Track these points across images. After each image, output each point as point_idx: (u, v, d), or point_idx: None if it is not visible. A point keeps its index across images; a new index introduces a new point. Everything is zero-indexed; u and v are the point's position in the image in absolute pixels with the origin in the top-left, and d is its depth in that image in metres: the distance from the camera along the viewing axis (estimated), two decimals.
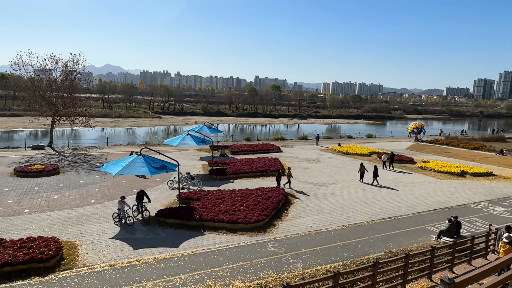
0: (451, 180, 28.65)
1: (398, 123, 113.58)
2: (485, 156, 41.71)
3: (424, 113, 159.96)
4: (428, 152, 43.40)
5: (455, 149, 46.74)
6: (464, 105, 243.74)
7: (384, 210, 20.38)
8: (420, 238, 16.37)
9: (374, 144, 48.41)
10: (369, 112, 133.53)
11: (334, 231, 16.87)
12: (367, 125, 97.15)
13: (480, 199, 23.35)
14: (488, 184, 27.70)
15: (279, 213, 19.04)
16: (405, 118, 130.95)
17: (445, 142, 52.47)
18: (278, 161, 32.31)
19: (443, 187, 26.11)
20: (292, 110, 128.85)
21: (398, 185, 26.22)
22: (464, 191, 25.14)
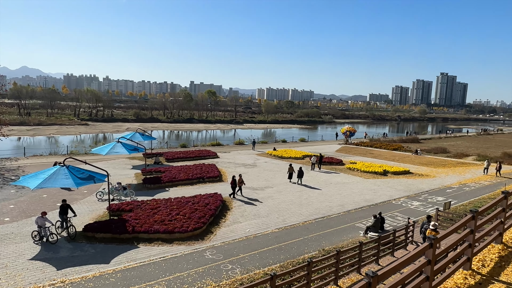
0: (376, 179, 31.12)
1: (328, 127, 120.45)
2: (403, 156, 46.12)
3: (351, 118, 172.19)
4: (355, 154, 46.66)
5: (378, 151, 50.94)
6: (385, 110, 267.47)
7: (317, 210, 21.37)
8: (350, 235, 17.47)
9: (307, 148, 50.65)
10: (302, 117, 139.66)
11: (271, 234, 17.22)
12: (300, 130, 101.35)
13: (400, 195, 25.70)
14: (406, 181, 30.64)
15: (217, 220, 18.90)
16: (335, 123, 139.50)
17: (369, 144, 56.89)
18: (215, 167, 32.13)
19: (368, 186, 28.23)
20: (228, 115, 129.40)
21: (329, 186, 27.73)
22: (387, 189, 27.46)
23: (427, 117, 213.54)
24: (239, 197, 23.39)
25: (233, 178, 23.69)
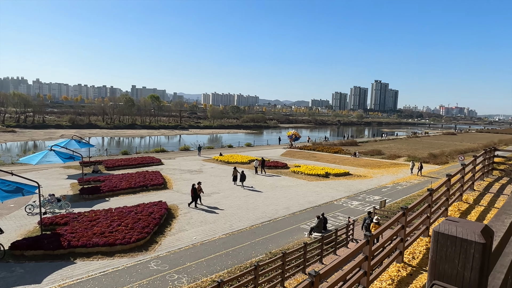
0: (318, 181, 32.43)
1: (274, 132, 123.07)
2: (343, 158, 48.66)
3: (295, 122, 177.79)
4: (299, 157, 48.21)
5: (320, 154, 53.19)
6: (326, 115, 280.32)
7: (264, 214, 21.67)
8: (296, 236, 17.96)
9: (253, 152, 51.21)
10: (248, 122, 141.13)
11: (218, 240, 17.09)
12: (246, 135, 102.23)
13: (341, 196, 27.04)
14: (346, 182, 32.35)
15: (162, 229, 18.29)
16: (279, 127, 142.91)
17: (312, 148, 59.17)
18: (160, 174, 31.13)
19: (312, 188, 29.32)
20: (173, 121, 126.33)
21: (275, 190, 28.30)
22: (329, 190, 28.75)
23: (364, 122, 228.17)
24: (200, 206, 22.84)
25: (193, 186, 22.87)
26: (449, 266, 0.69)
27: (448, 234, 0.71)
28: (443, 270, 0.70)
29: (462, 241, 0.69)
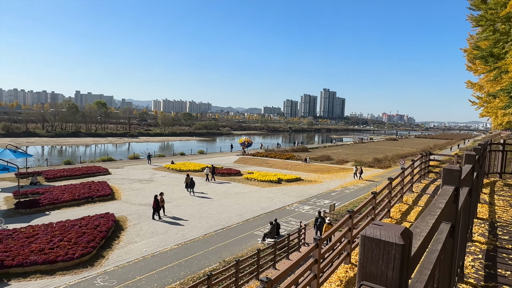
0: (271, 187, 32.89)
1: (227, 139, 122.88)
2: (295, 164, 49.88)
3: (248, 129, 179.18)
4: (252, 164, 48.58)
5: (273, 160, 54.06)
6: (278, 122, 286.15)
7: (217, 222, 21.46)
8: (249, 243, 18.00)
9: (206, 160, 50.66)
10: (200, 129, 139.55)
11: (170, 251, 16.60)
12: (199, 142, 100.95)
13: (293, 201, 27.64)
14: (298, 187, 33.16)
15: (110, 242, 17.37)
16: (232, 134, 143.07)
17: (265, 155, 59.96)
18: (107, 184, 29.61)
19: (265, 194, 29.65)
20: (121, 128, 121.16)
21: (228, 197, 28.20)
22: (281, 196, 29.26)
23: (314, 128, 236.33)
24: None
25: (155, 198, 21.78)
26: (375, 267, 0.76)
27: (373, 238, 0.78)
28: (370, 271, 0.76)
29: (385, 243, 0.76)
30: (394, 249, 0.74)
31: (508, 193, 8.71)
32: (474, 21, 29.41)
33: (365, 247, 0.78)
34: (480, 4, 25.96)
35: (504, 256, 4.31)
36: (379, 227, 0.78)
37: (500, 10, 21.52)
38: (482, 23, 27.66)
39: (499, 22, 23.96)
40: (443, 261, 1.98)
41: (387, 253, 0.74)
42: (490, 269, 3.90)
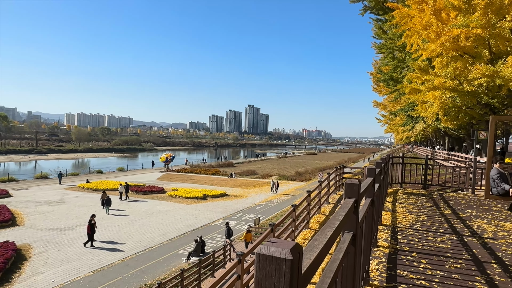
0: (197, 204, 32.27)
1: (149, 154, 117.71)
2: (220, 180, 49.80)
3: (172, 145, 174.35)
4: (177, 181, 47.20)
5: (198, 176, 53.25)
6: (203, 137, 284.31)
7: (138, 243, 20.25)
8: (173, 263, 17.30)
9: (126, 177, 47.72)
10: (120, 145, 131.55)
11: (84, 279, 15.12)
12: (119, 158, 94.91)
13: (218, 217, 27.45)
14: (223, 203, 33.09)
15: (8, 275, 15.18)
16: (156, 150, 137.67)
17: (190, 170, 58.82)
18: (6, 208, 26.01)
19: (190, 211, 28.95)
20: (26, 144, 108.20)
21: (151, 216, 26.87)
22: (207, 212, 28.86)
23: (239, 143, 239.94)
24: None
25: (90, 222, 19.38)
26: (268, 282, 0.82)
27: (266, 255, 0.84)
28: (264, 287, 0.82)
29: (276, 260, 0.83)
30: (284, 264, 0.81)
31: (407, 201, 9.86)
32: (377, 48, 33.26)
33: (260, 264, 0.84)
34: (381, 34, 29.48)
35: (403, 258, 4.85)
36: (272, 244, 0.85)
37: (397, 40, 24.78)
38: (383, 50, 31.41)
39: (397, 50, 27.54)
40: (346, 268, 2.17)
41: (279, 269, 0.81)
42: (391, 270, 4.35)
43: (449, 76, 15.33)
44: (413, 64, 19.58)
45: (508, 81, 12.10)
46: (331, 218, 1.77)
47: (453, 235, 6.30)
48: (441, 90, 16.38)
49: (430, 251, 5.21)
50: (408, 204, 9.37)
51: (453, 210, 8.76)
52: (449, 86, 15.65)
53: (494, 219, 7.96)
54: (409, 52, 21.34)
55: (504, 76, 12.05)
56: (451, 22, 14.43)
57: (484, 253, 5.29)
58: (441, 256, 4.99)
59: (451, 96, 16.89)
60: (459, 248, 5.48)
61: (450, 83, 15.61)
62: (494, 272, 4.46)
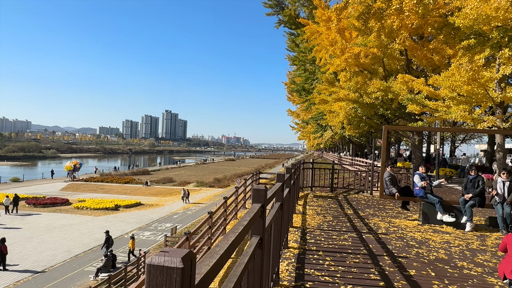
0: (107, 215, 29.96)
1: (52, 163, 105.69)
2: (134, 188, 47.11)
3: (79, 152, 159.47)
4: (84, 191, 43.27)
5: (110, 185, 49.59)
6: (116, 143, 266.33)
7: (36, 263, 17.96)
8: (78, 282, 15.76)
9: (21, 189, 42.02)
10: (15, 152, 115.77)
11: None
12: (13, 167, 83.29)
13: (132, 228, 25.88)
14: (138, 213, 31.33)
15: None
16: (59, 158, 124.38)
17: (100, 179, 54.44)
18: None
19: (100, 224, 26.73)
20: None
21: (52, 231, 24.11)
22: (119, 224, 26.99)
23: (156, 150, 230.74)
24: None
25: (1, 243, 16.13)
26: None
27: (158, 265, 0.83)
28: None
29: (167, 269, 0.83)
30: (175, 273, 0.81)
31: (316, 203, 10.60)
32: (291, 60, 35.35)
33: (151, 275, 0.82)
34: (294, 47, 31.44)
35: (310, 257, 5.20)
36: (164, 254, 0.84)
37: (308, 54, 26.72)
38: (296, 62, 33.51)
39: (308, 63, 29.65)
40: (253, 271, 2.25)
41: (169, 278, 0.81)
42: (300, 270, 4.62)
43: (352, 89, 17.00)
44: (322, 77, 21.29)
45: (398, 95, 13.91)
46: (236, 223, 1.82)
47: (354, 233, 6.96)
48: (345, 101, 18.06)
49: (334, 249, 5.68)
50: (317, 206, 10.07)
51: (354, 210, 9.69)
52: (352, 98, 17.34)
53: (387, 217, 9.03)
54: (319, 66, 23.16)
55: (394, 91, 13.82)
56: (353, 40, 16.08)
57: (378, 247, 5.96)
58: (343, 253, 5.47)
59: (354, 107, 18.74)
60: (358, 244, 6.08)
61: (352, 95, 17.31)
62: (385, 263, 5.05)
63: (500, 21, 9.06)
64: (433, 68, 14.38)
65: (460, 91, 10.92)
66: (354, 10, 9.12)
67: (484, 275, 4.81)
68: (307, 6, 27.15)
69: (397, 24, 10.92)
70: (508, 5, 8.79)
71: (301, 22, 24.31)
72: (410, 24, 12.47)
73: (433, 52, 13.43)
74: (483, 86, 10.39)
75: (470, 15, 9.16)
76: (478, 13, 9.12)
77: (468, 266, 5.17)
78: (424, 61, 13.80)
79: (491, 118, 10.79)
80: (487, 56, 10.72)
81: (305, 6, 27.62)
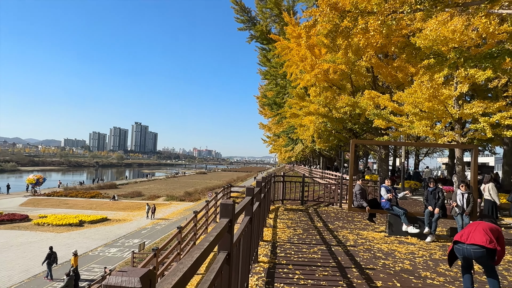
0: (70, 231, 28.55)
1: (11, 176, 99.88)
2: (101, 203, 45.30)
3: (42, 165, 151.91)
4: (46, 206, 41.08)
5: (74, 200, 47.44)
6: (82, 156, 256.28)
7: None
8: None
9: None
10: None
11: None
12: None
13: (97, 245, 24.77)
14: (104, 229, 30.06)
15: None
16: (20, 171, 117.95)
17: (64, 194, 52.02)
18: None
19: (62, 241, 25.40)
20: None
21: (9, 250, 22.61)
22: (83, 240, 25.75)
23: (125, 163, 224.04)
24: None
25: None
26: None
27: (115, 286, 0.81)
28: None
29: None
30: None
31: (287, 216, 10.65)
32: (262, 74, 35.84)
33: None
34: (266, 62, 31.95)
35: (280, 271, 5.19)
36: (121, 274, 0.82)
37: (279, 68, 27.25)
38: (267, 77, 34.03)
39: (279, 78, 30.20)
40: (220, 287, 2.22)
41: None
42: (269, 284, 4.60)
43: (322, 104, 17.44)
44: (292, 91, 21.72)
45: (365, 111, 14.41)
46: (202, 240, 1.80)
47: (323, 245, 7.04)
48: (315, 116, 18.48)
49: (304, 262, 5.71)
50: (287, 219, 10.12)
51: (324, 223, 9.82)
52: (321, 112, 17.77)
53: (356, 229, 9.22)
54: (290, 80, 23.62)
55: (362, 106, 14.32)
56: (322, 57, 16.59)
57: (347, 259, 6.06)
58: (313, 266, 5.51)
59: (324, 121, 19.19)
60: (327, 257, 6.15)
61: (322, 110, 17.75)
62: (353, 275, 5.14)
63: (457, 42, 9.69)
64: (397, 85, 15.07)
65: (422, 107, 11.48)
66: (322, 28, 9.45)
67: (446, 284, 5.00)
68: (278, 23, 27.80)
69: (363, 42, 11.41)
70: (463, 28, 9.44)
71: (272, 37, 24.84)
72: (375, 43, 13.06)
73: (397, 70, 14.09)
74: (443, 103, 10.99)
75: (429, 36, 9.73)
76: (437, 35, 9.70)
77: (431, 276, 5.35)
78: (389, 78, 14.44)
79: (451, 133, 11.39)
80: (446, 75, 11.38)
81: (276, 23, 28.28)
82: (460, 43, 9.78)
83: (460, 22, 9.08)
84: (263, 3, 27.83)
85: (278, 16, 27.40)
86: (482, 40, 10.62)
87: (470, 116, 11.17)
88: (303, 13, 11.20)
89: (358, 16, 8.12)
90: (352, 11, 8.21)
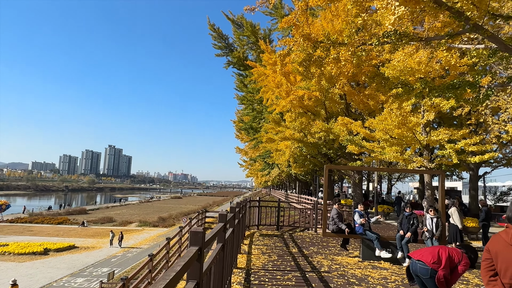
0: (34, 261, 26.87)
1: None
2: (68, 229, 43.14)
3: (6, 189, 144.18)
4: (8, 233, 38.67)
5: (40, 226, 44.97)
6: (51, 180, 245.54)
7: None
8: None
9: None
10: None
11: None
12: None
13: (62, 274, 23.37)
14: (70, 257, 28.50)
15: None
16: None
17: (29, 220, 49.31)
18: None
19: (24, 271, 23.82)
20: None
21: None
22: (47, 270, 24.26)
23: (96, 187, 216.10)
24: None
25: None
26: None
27: None
28: None
29: None
30: None
31: (262, 242, 10.53)
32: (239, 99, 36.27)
33: None
34: (242, 87, 32.44)
35: None
36: None
37: (256, 94, 27.69)
38: (244, 102, 34.44)
39: (256, 103, 30.63)
40: None
41: None
42: None
43: (297, 129, 17.75)
44: (268, 117, 22.04)
45: (338, 136, 14.78)
46: (167, 271, 1.76)
47: (297, 272, 6.98)
48: (291, 141, 18.74)
49: None
50: (262, 245, 10.00)
51: (299, 249, 9.77)
52: (297, 137, 18.05)
53: (330, 254, 9.22)
54: (266, 106, 24.02)
55: (335, 132, 14.69)
56: (297, 84, 17.06)
57: (321, 286, 6.02)
58: None
59: (299, 146, 19.47)
60: (301, 284, 6.09)
61: (297, 135, 18.05)
62: None
63: (422, 73, 10.26)
64: (369, 112, 15.63)
65: (392, 134, 11.93)
66: (296, 57, 9.79)
67: None
68: (255, 50, 28.52)
69: (335, 71, 11.87)
70: (427, 60, 10.04)
71: (249, 64, 25.36)
72: (347, 72, 13.61)
73: (369, 98, 14.66)
74: (411, 130, 11.47)
75: (397, 67, 10.28)
76: (404, 66, 10.26)
77: None
78: (361, 105, 14.98)
79: (419, 159, 11.84)
80: (413, 103, 11.94)
81: (253, 50, 29.00)
82: (425, 74, 10.36)
83: (425, 54, 9.67)
84: (241, 31, 28.60)
85: (255, 44, 28.15)
86: (446, 72, 11.30)
87: (437, 142, 11.69)
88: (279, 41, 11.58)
89: (330, 46, 8.49)
90: (325, 42, 8.58)
